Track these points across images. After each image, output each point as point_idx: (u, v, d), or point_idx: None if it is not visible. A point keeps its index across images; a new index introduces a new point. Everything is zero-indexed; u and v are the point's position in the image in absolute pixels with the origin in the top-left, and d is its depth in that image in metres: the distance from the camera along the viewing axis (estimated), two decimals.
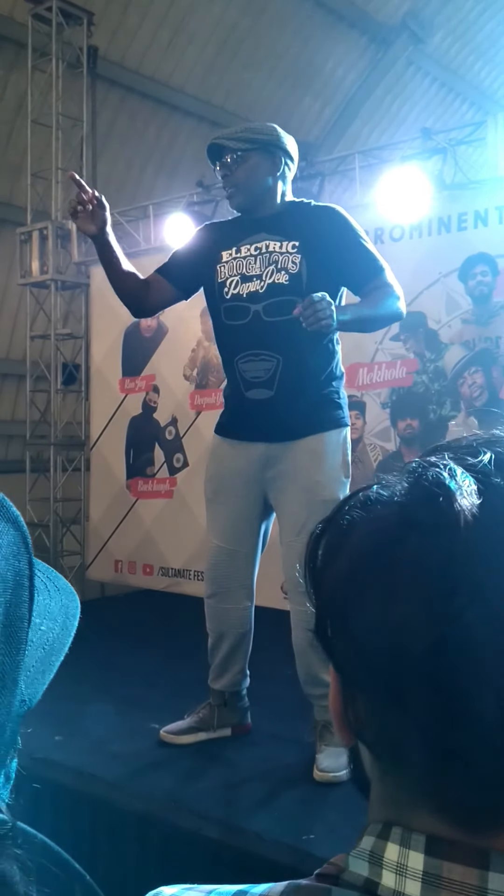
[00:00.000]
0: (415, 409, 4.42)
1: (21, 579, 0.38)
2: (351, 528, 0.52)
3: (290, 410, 2.59)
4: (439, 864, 0.47)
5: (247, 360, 2.62)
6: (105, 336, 5.90)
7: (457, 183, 4.32)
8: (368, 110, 9.03)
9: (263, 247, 2.61)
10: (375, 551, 0.50)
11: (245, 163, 2.59)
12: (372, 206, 4.50)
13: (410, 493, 0.51)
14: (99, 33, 6.77)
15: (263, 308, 2.59)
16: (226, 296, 2.65)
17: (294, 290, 2.55)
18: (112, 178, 7.47)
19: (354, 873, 0.49)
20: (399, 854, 0.48)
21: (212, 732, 2.94)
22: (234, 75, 8.01)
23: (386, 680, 0.48)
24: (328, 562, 0.53)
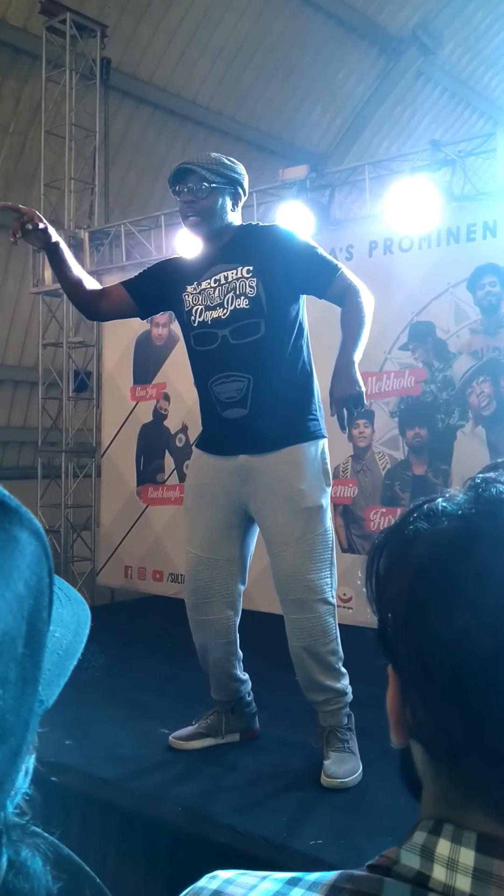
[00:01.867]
0: (423, 418, 4.44)
1: (42, 587, 0.40)
2: (416, 537, 0.55)
3: (265, 425, 2.66)
4: (490, 861, 0.48)
5: (220, 383, 2.69)
6: (116, 344, 5.95)
7: (466, 194, 4.35)
8: (378, 121, 9.08)
9: (222, 278, 2.70)
10: (440, 561, 0.52)
11: (212, 195, 2.68)
12: (381, 217, 4.54)
13: (474, 506, 0.53)
14: (112, 45, 6.84)
15: (230, 332, 2.67)
16: (193, 324, 2.75)
17: (255, 312, 2.65)
18: (124, 188, 7.54)
19: (406, 866, 0.51)
20: (451, 850, 0.50)
21: (220, 738, 2.97)
22: (246, 86, 8.08)
23: (447, 683, 0.50)
24: (392, 570, 0.55)
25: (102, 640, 2.43)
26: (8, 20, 6.55)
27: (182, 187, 2.69)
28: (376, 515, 4.53)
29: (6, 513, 0.39)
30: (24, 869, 0.39)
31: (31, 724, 0.39)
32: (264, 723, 3.09)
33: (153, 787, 2.69)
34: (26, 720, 0.38)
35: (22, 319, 7.67)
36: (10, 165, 7.17)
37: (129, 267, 5.90)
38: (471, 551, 0.51)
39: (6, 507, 0.39)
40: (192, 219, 2.70)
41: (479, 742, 0.50)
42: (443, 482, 4.35)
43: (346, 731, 2.74)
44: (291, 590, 2.68)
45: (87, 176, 6.59)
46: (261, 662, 3.05)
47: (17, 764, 0.37)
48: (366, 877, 0.52)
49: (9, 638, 0.36)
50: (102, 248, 6.13)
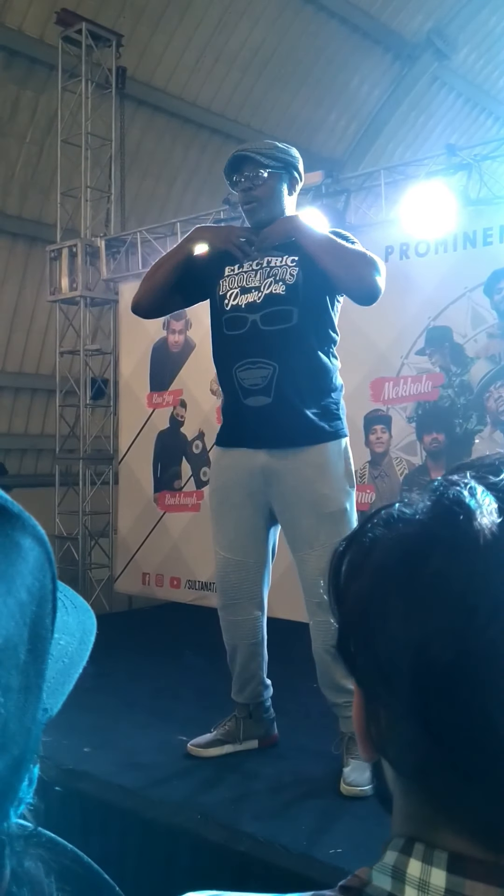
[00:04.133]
0: (441, 424, 4.42)
1: (45, 594, 0.40)
2: (373, 545, 0.53)
3: (288, 417, 2.63)
4: (461, 881, 0.47)
5: (245, 369, 2.67)
6: (133, 351, 5.96)
7: (482, 198, 4.33)
8: (393, 126, 9.07)
9: (265, 262, 2.69)
10: (397, 568, 0.50)
11: (270, 181, 2.67)
12: (397, 221, 4.53)
13: (432, 511, 0.51)
14: (127, 54, 6.88)
15: (261, 317, 2.65)
16: (226, 307, 2.72)
17: (290, 299, 2.64)
18: (140, 195, 7.57)
19: (377, 887, 0.49)
20: (421, 870, 0.48)
21: (238, 745, 2.96)
22: (260, 93, 8.10)
23: (408, 696, 0.48)
24: (351, 578, 0.53)
25: (120, 647, 2.46)
26: (24, 31, 6.60)
27: (239, 176, 2.67)
28: None
29: (8, 519, 0.39)
30: (28, 879, 0.38)
31: (34, 732, 0.38)
32: (283, 729, 3.07)
33: (172, 795, 2.69)
34: (29, 728, 0.37)
35: (39, 328, 7.71)
36: (28, 174, 7.22)
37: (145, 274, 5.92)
38: (427, 557, 0.49)
39: (8, 512, 0.39)
40: (251, 205, 2.69)
41: (444, 758, 0.48)
42: None
43: None
44: (314, 593, 2.68)
45: (103, 184, 6.62)
46: (279, 669, 3.04)
47: (20, 773, 0.37)
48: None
49: (11, 645, 0.36)
50: (119, 255, 6.15)
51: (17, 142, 7.03)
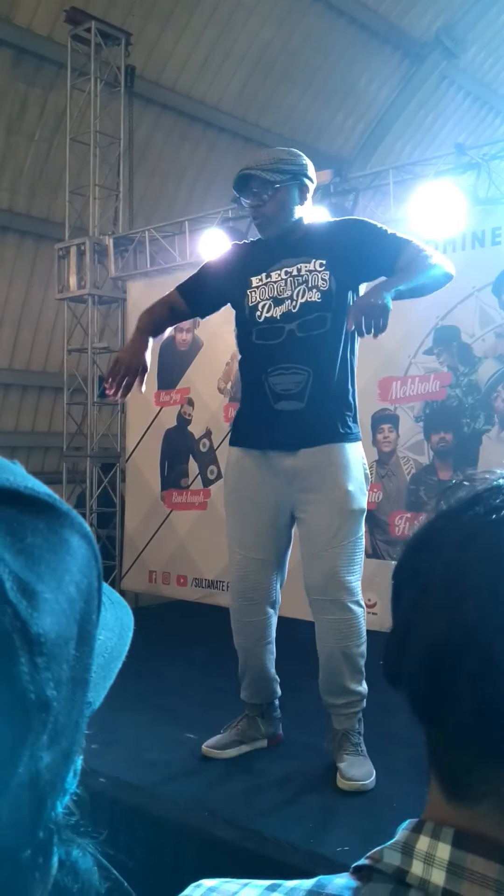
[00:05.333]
0: (448, 423, 4.42)
1: (92, 590, 0.41)
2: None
3: (318, 420, 2.65)
4: (464, 855, 0.50)
5: (277, 374, 2.67)
6: None
7: (491, 198, 4.33)
8: (402, 125, 9.06)
9: (294, 270, 2.67)
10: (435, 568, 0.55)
11: (278, 195, 2.63)
12: (406, 220, 4.52)
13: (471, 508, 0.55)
14: (136, 53, 6.89)
15: (297, 325, 2.64)
16: (258, 319, 2.70)
17: (326, 305, 2.62)
18: (148, 194, 7.58)
19: (388, 863, 0.52)
20: (429, 845, 0.51)
21: (252, 744, 2.96)
22: (269, 92, 8.10)
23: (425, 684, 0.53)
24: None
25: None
26: (33, 29, 6.61)
27: (247, 194, 2.65)
28: (401, 521, 4.51)
29: (58, 516, 0.40)
30: (75, 869, 0.39)
31: (80, 725, 0.39)
32: (289, 728, 3.08)
33: (180, 792, 2.69)
34: (77, 721, 0.38)
35: (47, 326, 7.73)
36: (36, 172, 7.23)
37: (153, 273, 5.93)
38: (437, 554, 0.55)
39: (58, 510, 0.40)
40: (259, 221, 2.68)
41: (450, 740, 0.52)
42: None
43: (358, 735, 2.74)
44: (329, 590, 2.67)
45: (111, 182, 6.63)
46: (283, 668, 3.04)
47: (68, 765, 0.38)
48: (344, 877, 0.54)
49: (62, 640, 0.37)
50: (127, 254, 6.16)
51: (25, 140, 7.04)
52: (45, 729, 0.35)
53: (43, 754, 0.35)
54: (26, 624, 0.35)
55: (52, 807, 0.36)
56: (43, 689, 0.35)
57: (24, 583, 0.35)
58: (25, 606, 0.35)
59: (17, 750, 0.34)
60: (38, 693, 0.35)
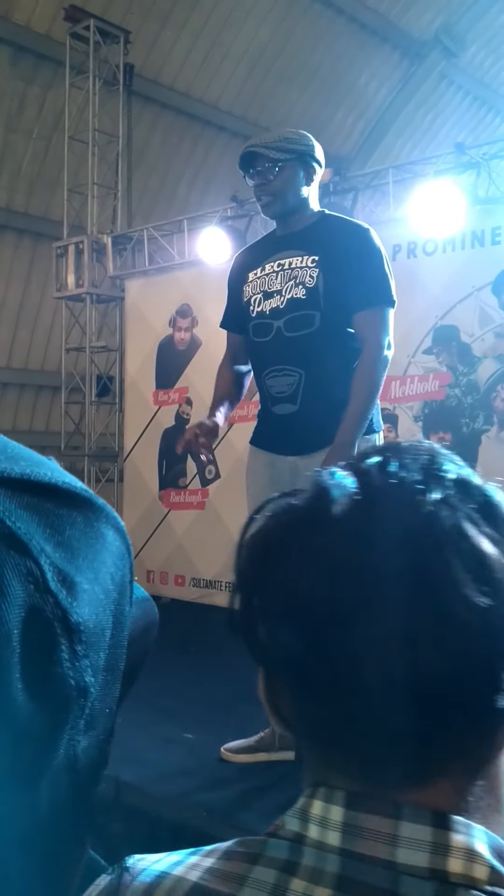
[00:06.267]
0: (447, 423, 4.41)
1: (125, 583, 0.43)
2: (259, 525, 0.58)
3: (316, 423, 2.59)
4: (356, 815, 0.51)
5: (272, 376, 2.65)
6: (139, 348, 5.96)
7: (491, 197, 4.32)
8: (401, 124, 9.06)
9: (286, 263, 2.64)
10: (275, 544, 0.55)
11: (283, 173, 2.60)
12: (405, 220, 4.52)
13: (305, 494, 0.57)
14: (135, 51, 6.88)
15: (284, 323, 2.61)
16: (252, 314, 2.69)
17: (311, 303, 2.57)
18: (147, 192, 7.57)
19: (289, 830, 0.53)
20: (323, 809, 0.52)
21: (273, 754, 2.87)
22: (268, 90, 8.09)
23: (286, 658, 0.52)
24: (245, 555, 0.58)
25: None
26: (32, 27, 6.60)
27: (251, 170, 2.62)
28: None
29: (94, 511, 0.42)
30: (108, 847, 0.42)
31: (113, 713, 0.41)
32: None
33: (177, 792, 2.69)
34: (111, 709, 0.40)
35: (44, 324, 7.72)
36: (34, 170, 7.22)
37: (151, 272, 5.92)
38: (299, 530, 0.55)
39: (94, 505, 0.42)
40: (264, 200, 2.63)
41: (322, 713, 0.52)
42: None
43: None
44: None
45: (110, 181, 6.62)
46: None
47: (104, 751, 0.40)
48: (255, 840, 0.55)
49: (99, 629, 0.38)
50: (125, 252, 6.15)
51: (24, 138, 7.03)
52: (83, 714, 0.37)
53: (80, 738, 0.37)
54: (66, 613, 0.36)
55: (88, 789, 0.38)
56: (82, 675, 0.37)
57: (63, 573, 0.37)
58: (65, 596, 0.36)
59: (57, 733, 0.35)
60: (77, 679, 0.36)
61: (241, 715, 3.23)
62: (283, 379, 2.62)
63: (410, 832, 0.50)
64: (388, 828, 0.50)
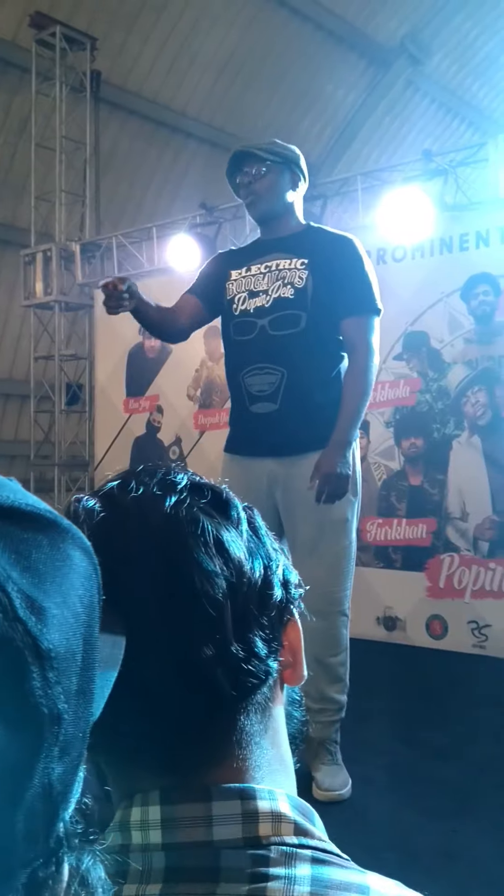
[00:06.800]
0: (419, 428, 4.43)
1: (94, 604, 0.42)
2: None
3: (295, 424, 2.58)
4: (172, 808, 0.54)
5: (252, 374, 2.63)
6: (109, 356, 5.92)
7: (458, 204, 4.35)
8: (368, 131, 9.11)
9: (274, 265, 2.64)
10: None
11: (269, 174, 2.63)
12: (374, 227, 4.53)
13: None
14: (102, 58, 6.85)
15: (269, 322, 2.61)
16: (234, 312, 2.68)
17: (298, 303, 2.58)
18: (115, 199, 7.53)
19: (112, 845, 0.55)
20: (141, 813, 0.55)
21: None
22: (236, 97, 8.09)
23: None
24: None
25: None
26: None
27: (239, 173, 2.63)
28: (373, 526, 4.51)
29: (60, 532, 0.41)
30: (86, 878, 0.40)
31: (86, 735, 0.41)
32: None
33: None
34: (83, 732, 0.40)
35: (13, 332, 7.64)
36: (1, 177, 7.15)
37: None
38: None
39: (59, 526, 0.41)
40: (250, 199, 2.64)
41: (108, 725, 0.52)
42: (439, 492, 4.34)
43: (335, 744, 2.71)
44: (311, 599, 2.63)
45: (77, 188, 6.58)
46: None
47: (76, 775, 0.39)
48: None
49: (70, 654, 0.38)
50: (94, 260, 6.11)
51: None
52: (57, 741, 0.36)
53: (55, 766, 0.36)
54: (36, 640, 0.36)
55: (62, 816, 0.37)
56: (55, 702, 0.36)
57: (31, 599, 0.37)
58: (35, 623, 0.36)
59: (31, 762, 0.35)
60: (49, 707, 0.36)
61: None
62: (264, 377, 2.60)
63: (221, 809, 0.54)
64: (202, 811, 0.54)
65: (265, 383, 2.60)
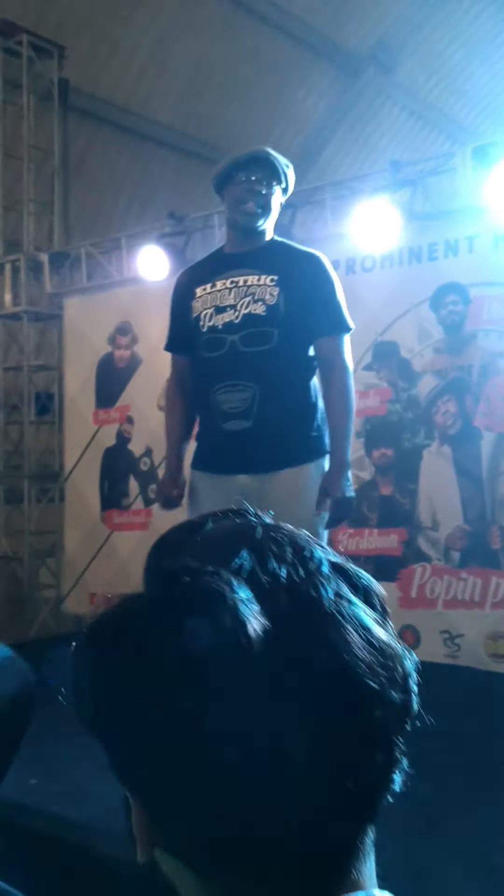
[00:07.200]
0: (389, 438, 4.42)
1: None
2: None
3: (268, 442, 2.57)
4: None
5: (224, 391, 2.61)
6: (78, 367, 5.87)
7: (427, 213, 4.36)
8: (339, 138, 9.13)
9: (241, 281, 2.63)
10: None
11: (277, 194, 2.67)
12: (343, 236, 4.52)
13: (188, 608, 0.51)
14: (70, 66, 6.81)
15: (240, 338, 2.59)
16: (202, 329, 2.65)
17: (271, 320, 2.57)
18: (85, 209, 7.48)
19: None
20: None
21: None
22: (206, 105, 8.08)
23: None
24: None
25: (68, 672, 2.34)
26: None
27: (256, 173, 2.62)
28: (344, 536, 4.50)
29: None
30: None
31: None
32: None
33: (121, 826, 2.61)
34: None
35: None
36: None
37: (90, 289, 5.84)
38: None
39: None
40: (256, 209, 2.63)
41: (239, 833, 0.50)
42: (410, 502, 4.33)
43: None
44: None
45: (46, 197, 6.54)
46: None
47: None
48: None
49: None
50: (63, 270, 6.06)
51: None
52: None
53: None
54: None
55: None
56: None
57: None
58: None
59: None
60: None
61: None
62: (237, 394, 2.59)
63: None
64: None
65: (237, 400, 2.59)
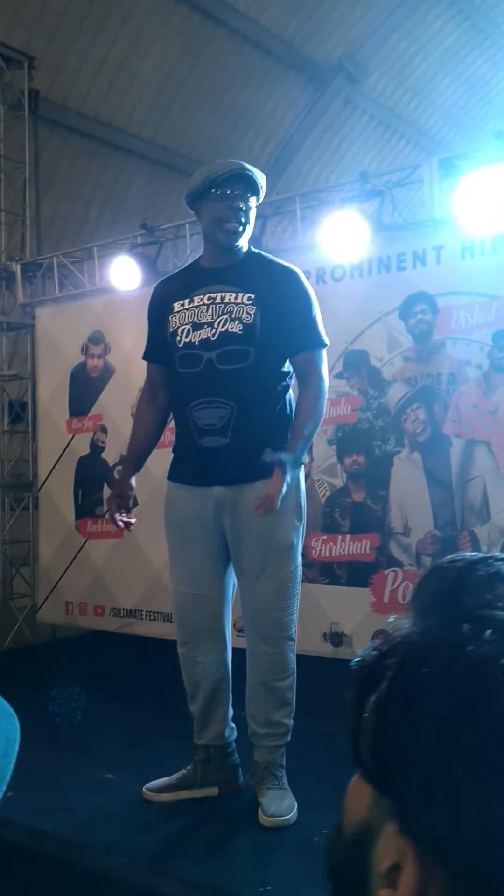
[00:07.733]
0: (360, 445, 4.48)
1: None
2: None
3: (244, 457, 2.60)
4: None
5: (201, 408, 2.64)
6: (51, 376, 5.87)
7: (395, 224, 4.42)
8: (308, 148, 9.19)
9: (218, 297, 2.65)
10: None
11: (254, 209, 2.73)
12: (313, 246, 4.57)
13: None
14: (40, 76, 6.80)
15: (217, 356, 2.62)
16: (178, 344, 2.69)
17: (247, 339, 2.60)
18: (56, 218, 7.48)
19: None
20: None
21: (196, 791, 2.81)
22: (176, 114, 8.11)
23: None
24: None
25: (44, 680, 2.42)
26: None
27: (236, 189, 2.65)
28: (318, 543, 4.54)
29: None
30: None
31: None
32: None
33: (99, 838, 2.63)
34: None
35: None
36: None
37: (62, 299, 5.85)
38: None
39: None
40: (236, 226, 2.66)
41: None
42: (381, 508, 4.39)
43: (280, 769, 2.72)
44: (257, 623, 2.67)
45: (17, 207, 6.52)
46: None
47: None
48: None
49: None
50: (35, 280, 6.06)
51: None
52: None
53: None
54: None
55: None
56: None
57: None
58: None
59: None
60: None
61: (163, 752, 3.20)
62: (214, 411, 2.62)
63: None
64: None
65: (214, 417, 2.63)
